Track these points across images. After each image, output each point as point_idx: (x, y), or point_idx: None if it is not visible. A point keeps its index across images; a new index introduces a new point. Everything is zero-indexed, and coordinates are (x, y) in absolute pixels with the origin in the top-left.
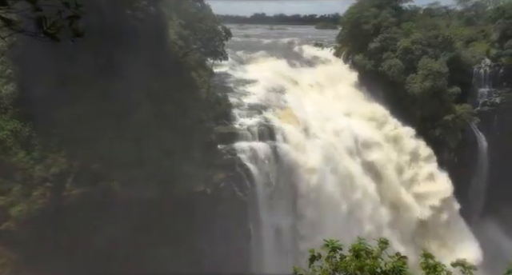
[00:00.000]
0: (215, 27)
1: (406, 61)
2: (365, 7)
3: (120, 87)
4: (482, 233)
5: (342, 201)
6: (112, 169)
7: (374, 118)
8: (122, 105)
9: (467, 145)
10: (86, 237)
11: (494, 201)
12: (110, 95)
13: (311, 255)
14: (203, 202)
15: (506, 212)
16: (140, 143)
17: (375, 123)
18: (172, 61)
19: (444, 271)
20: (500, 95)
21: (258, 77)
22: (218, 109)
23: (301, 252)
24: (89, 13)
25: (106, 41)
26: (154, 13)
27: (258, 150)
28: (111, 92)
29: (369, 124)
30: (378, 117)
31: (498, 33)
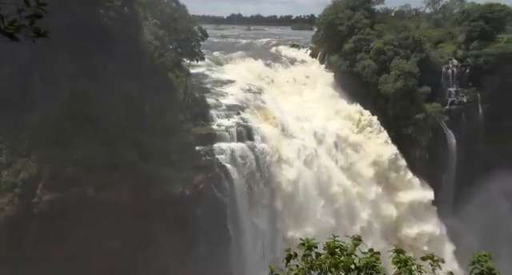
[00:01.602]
0: (191, 27)
1: (378, 62)
2: (339, 9)
3: (93, 88)
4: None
5: (320, 200)
6: (86, 173)
7: (351, 118)
8: (95, 106)
9: (437, 142)
10: (57, 244)
11: (463, 195)
12: (82, 97)
13: (287, 254)
14: (182, 204)
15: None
16: (115, 146)
17: (351, 122)
18: (148, 62)
19: (414, 265)
20: (466, 94)
21: (236, 77)
22: (195, 110)
23: (281, 252)
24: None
25: (78, 41)
26: (128, 12)
27: (236, 151)
28: (84, 93)
29: (345, 123)
30: (354, 116)
31: (463, 35)
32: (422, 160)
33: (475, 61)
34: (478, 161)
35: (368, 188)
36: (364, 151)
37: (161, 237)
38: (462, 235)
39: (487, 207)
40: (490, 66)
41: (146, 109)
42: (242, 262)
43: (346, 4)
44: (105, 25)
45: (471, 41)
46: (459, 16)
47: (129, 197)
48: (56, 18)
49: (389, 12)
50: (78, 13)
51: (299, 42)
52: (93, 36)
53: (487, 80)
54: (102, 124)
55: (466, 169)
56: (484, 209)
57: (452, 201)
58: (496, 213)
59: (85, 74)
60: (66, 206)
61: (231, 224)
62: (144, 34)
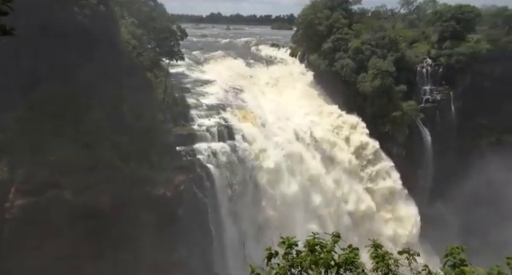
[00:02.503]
0: (170, 27)
1: (357, 61)
2: (318, 9)
3: (69, 89)
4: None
5: (302, 198)
6: (62, 177)
7: (330, 116)
8: (71, 107)
9: (414, 139)
10: (32, 251)
11: (439, 190)
12: (57, 98)
13: (268, 253)
14: (163, 205)
15: (449, 199)
16: (93, 147)
17: (330, 120)
18: (126, 61)
19: (391, 259)
20: (440, 93)
21: (216, 77)
22: (175, 110)
23: (263, 251)
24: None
25: (51, 41)
26: (104, 11)
27: (217, 151)
28: (58, 94)
29: (325, 121)
30: (334, 114)
31: (436, 34)
32: (400, 156)
33: (448, 61)
34: (452, 157)
35: (348, 181)
36: (343, 146)
37: (141, 239)
38: (439, 228)
39: (462, 201)
40: (462, 65)
41: (124, 109)
42: (225, 262)
43: (324, 4)
44: (80, 24)
45: (444, 41)
46: (432, 16)
47: (108, 200)
48: (27, 17)
49: (365, 12)
50: (51, 12)
51: (279, 42)
52: (67, 35)
53: (459, 79)
54: (79, 125)
55: (441, 164)
56: (459, 203)
57: (428, 196)
58: (470, 207)
59: (59, 75)
60: (40, 211)
61: (213, 224)
62: (121, 33)
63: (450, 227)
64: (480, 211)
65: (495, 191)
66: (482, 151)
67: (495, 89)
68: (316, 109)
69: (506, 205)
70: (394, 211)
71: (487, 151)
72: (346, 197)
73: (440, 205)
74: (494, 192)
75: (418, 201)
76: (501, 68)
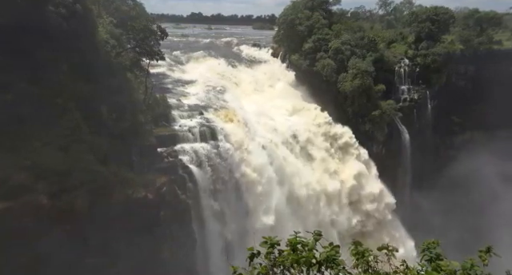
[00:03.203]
0: (150, 26)
1: (337, 61)
2: (298, 9)
3: (43, 90)
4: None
5: (286, 198)
6: (37, 181)
7: (312, 115)
8: (46, 109)
9: (393, 137)
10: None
11: (418, 186)
12: (30, 99)
13: (250, 253)
14: (144, 208)
15: (427, 194)
16: (70, 150)
17: (313, 120)
18: (104, 61)
19: (371, 256)
20: (417, 92)
21: (198, 77)
22: (156, 110)
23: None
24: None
25: (23, 41)
26: (81, 10)
27: (200, 151)
28: (32, 96)
29: (307, 121)
30: (316, 114)
31: (413, 35)
32: (379, 155)
33: (424, 61)
34: (429, 154)
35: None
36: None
37: (122, 243)
38: (419, 224)
39: (439, 196)
40: (437, 65)
41: (103, 110)
42: (208, 263)
43: (304, 4)
44: (54, 23)
45: (420, 42)
46: (408, 18)
47: (86, 204)
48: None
49: (345, 13)
50: (24, 11)
51: (260, 42)
52: (41, 34)
53: (435, 78)
54: (54, 128)
55: (419, 161)
56: (436, 198)
57: (408, 192)
58: (447, 201)
59: (33, 75)
60: (14, 216)
61: (196, 225)
62: (99, 33)
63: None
64: (457, 203)
65: (470, 185)
66: (457, 148)
67: (468, 89)
68: (297, 108)
69: (481, 198)
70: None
71: (461, 147)
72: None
73: (419, 200)
74: (469, 186)
75: (398, 198)
76: (473, 68)
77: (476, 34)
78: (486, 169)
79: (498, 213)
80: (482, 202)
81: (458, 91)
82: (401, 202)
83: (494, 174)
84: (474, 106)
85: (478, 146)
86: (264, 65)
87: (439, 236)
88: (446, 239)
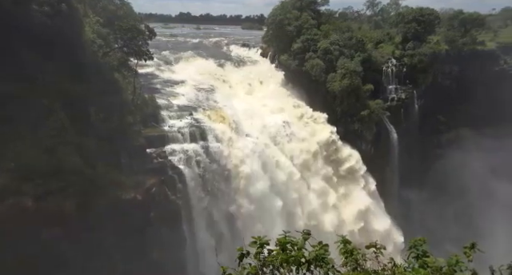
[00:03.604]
0: (137, 26)
1: (326, 61)
2: (287, 9)
3: (28, 90)
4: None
5: (276, 198)
6: (22, 183)
7: (301, 115)
8: (31, 110)
9: (381, 137)
10: None
11: (406, 184)
12: (16, 100)
13: (240, 253)
14: (134, 210)
15: (415, 191)
16: (56, 152)
17: (302, 119)
18: (91, 62)
19: (359, 254)
20: (404, 91)
21: (187, 77)
22: (145, 111)
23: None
24: None
25: (9, 39)
26: (66, 9)
27: (189, 152)
28: (17, 96)
29: (297, 121)
30: (305, 114)
31: (400, 36)
32: (368, 154)
33: (411, 61)
34: (416, 152)
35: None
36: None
37: (112, 245)
38: (408, 222)
39: (427, 193)
40: (424, 65)
41: (90, 111)
42: (198, 264)
43: (293, 5)
44: (39, 23)
45: (407, 42)
46: (395, 18)
47: (74, 206)
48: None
49: (333, 13)
50: (6, 9)
51: (250, 42)
52: (25, 33)
53: (421, 78)
54: (40, 129)
55: (407, 159)
56: (425, 196)
57: (396, 190)
58: (435, 198)
59: (17, 76)
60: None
61: (186, 226)
62: (85, 32)
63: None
64: (443, 200)
65: (458, 182)
66: (443, 146)
67: (453, 89)
68: (288, 108)
69: (466, 194)
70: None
71: (447, 146)
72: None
73: (407, 198)
74: (456, 183)
75: (386, 196)
76: (458, 68)
77: (460, 35)
78: (472, 166)
79: (485, 208)
80: (470, 198)
81: (444, 91)
82: (389, 200)
83: (481, 171)
84: (459, 106)
85: (464, 144)
86: (253, 65)
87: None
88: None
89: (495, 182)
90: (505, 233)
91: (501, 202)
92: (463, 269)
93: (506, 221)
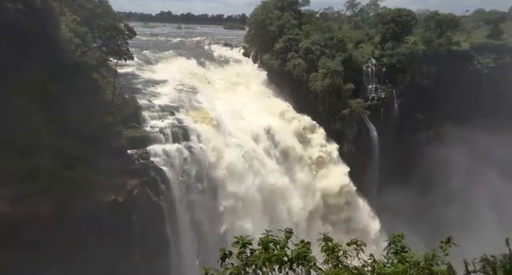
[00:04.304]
0: (116, 25)
1: (307, 61)
2: (269, 9)
3: (3, 91)
4: (380, 208)
5: (260, 197)
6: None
7: (284, 115)
8: (7, 111)
9: (362, 135)
10: None
11: (386, 181)
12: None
13: (222, 254)
14: (115, 212)
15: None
16: (33, 154)
17: (285, 119)
18: (68, 61)
19: (341, 251)
20: (384, 91)
21: (168, 77)
22: (126, 111)
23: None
24: None
25: None
26: (41, 6)
27: (172, 152)
28: None
29: (279, 120)
30: (287, 113)
31: (379, 36)
32: (350, 152)
33: (390, 61)
34: (396, 150)
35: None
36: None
37: (92, 248)
38: (388, 218)
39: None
40: (402, 65)
41: (68, 112)
42: (182, 266)
43: (274, 5)
44: (12, 21)
45: (385, 42)
46: (374, 19)
47: (52, 209)
48: None
49: (314, 14)
50: None
51: (232, 42)
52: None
53: (400, 77)
54: (15, 131)
55: (387, 158)
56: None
57: (376, 188)
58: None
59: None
60: None
61: (170, 227)
62: (62, 31)
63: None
64: (423, 194)
65: (437, 179)
66: (422, 144)
67: (431, 88)
68: (269, 107)
69: (444, 190)
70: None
71: (426, 144)
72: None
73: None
74: (435, 180)
75: (367, 193)
76: (435, 68)
77: (436, 36)
78: (450, 162)
79: (465, 203)
80: (448, 193)
81: (421, 90)
82: (370, 196)
83: (458, 166)
84: (436, 105)
85: (442, 142)
86: (236, 65)
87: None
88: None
89: (473, 176)
90: (484, 224)
91: (478, 195)
92: (439, 262)
93: (484, 213)
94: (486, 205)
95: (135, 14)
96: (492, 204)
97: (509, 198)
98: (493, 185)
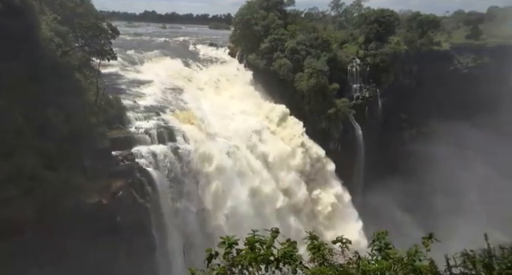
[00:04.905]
0: (99, 24)
1: (293, 61)
2: (254, 9)
3: None
4: (365, 206)
5: (247, 198)
6: None
7: (270, 114)
8: None
9: (348, 134)
10: None
11: (371, 179)
12: None
13: (208, 254)
14: (99, 215)
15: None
16: (13, 156)
17: (270, 119)
18: (49, 61)
19: (326, 249)
20: (368, 90)
21: (153, 77)
22: (110, 112)
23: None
24: None
25: None
26: (20, 5)
27: (158, 153)
28: None
29: (266, 120)
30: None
31: (363, 36)
32: (336, 151)
33: (374, 60)
34: (380, 149)
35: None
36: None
37: (77, 252)
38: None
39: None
40: (385, 65)
41: (50, 112)
42: (169, 267)
43: (259, 5)
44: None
45: (369, 42)
46: (358, 19)
47: (34, 213)
48: None
49: (299, 14)
50: None
51: (217, 41)
52: None
53: (384, 77)
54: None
55: (372, 156)
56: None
57: (362, 186)
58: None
59: None
60: None
61: (156, 229)
62: (42, 30)
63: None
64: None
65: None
66: (405, 142)
67: (413, 87)
68: (256, 107)
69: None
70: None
71: (409, 142)
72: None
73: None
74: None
75: (353, 191)
76: (417, 67)
77: (418, 36)
78: (433, 159)
79: (450, 194)
80: (432, 189)
81: (404, 89)
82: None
83: (441, 163)
84: (419, 104)
85: (424, 140)
86: (222, 64)
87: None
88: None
89: (456, 169)
90: (469, 212)
91: (461, 186)
92: (422, 258)
93: (469, 201)
94: (470, 194)
95: (118, 13)
96: (476, 193)
97: (492, 187)
98: (476, 175)
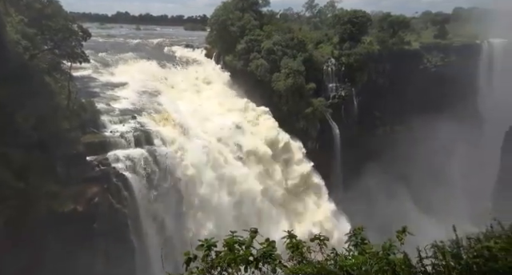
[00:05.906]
0: (69, 26)
1: (270, 61)
2: (229, 10)
3: None
4: (346, 204)
5: (227, 198)
6: None
7: (247, 114)
8: None
9: (325, 133)
10: None
11: (349, 178)
12: None
13: (187, 258)
14: (74, 222)
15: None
16: None
17: (248, 119)
18: (16, 64)
19: (304, 247)
20: (344, 89)
21: (128, 80)
22: (83, 116)
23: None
24: None
25: None
26: None
27: (135, 157)
28: None
29: (242, 119)
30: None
31: (337, 36)
32: (314, 150)
33: (348, 60)
34: (356, 146)
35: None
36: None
37: (52, 261)
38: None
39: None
40: (359, 64)
41: (17, 118)
42: (148, 273)
43: (235, 5)
44: None
45: (343, 42)
46: (332, 20)
47: (2, 224)
48: None
49: (274, 14)
50: None
51: (193, 43)
52: None
53: (358, 76)
54: None
55: (349, 154)
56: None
57: (341, 184)
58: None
59: None
60: None
61: (134, 235)
62: (7, 32)
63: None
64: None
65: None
66: (380, 139)
67: (386, 86)
68: (233, 108)
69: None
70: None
71: (383, 139)
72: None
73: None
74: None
75: (333, 189)
76: (390, 66)
77: (390, 36)
78: (405, 155)
79: (426, 182)
80: (407, 183)
81: (378, 88)
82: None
83: (414, 158)
84: (392, 102)
85: (397, 137)
86: (198, 66)
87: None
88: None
89: (424, 165)
90: (437, 216)
91: (432, 182)
92: (395, 251)
93: (444, 187)
94: (444, 179)
95: (89, 15)
96: (447, 179)
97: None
98: (444, 163)
